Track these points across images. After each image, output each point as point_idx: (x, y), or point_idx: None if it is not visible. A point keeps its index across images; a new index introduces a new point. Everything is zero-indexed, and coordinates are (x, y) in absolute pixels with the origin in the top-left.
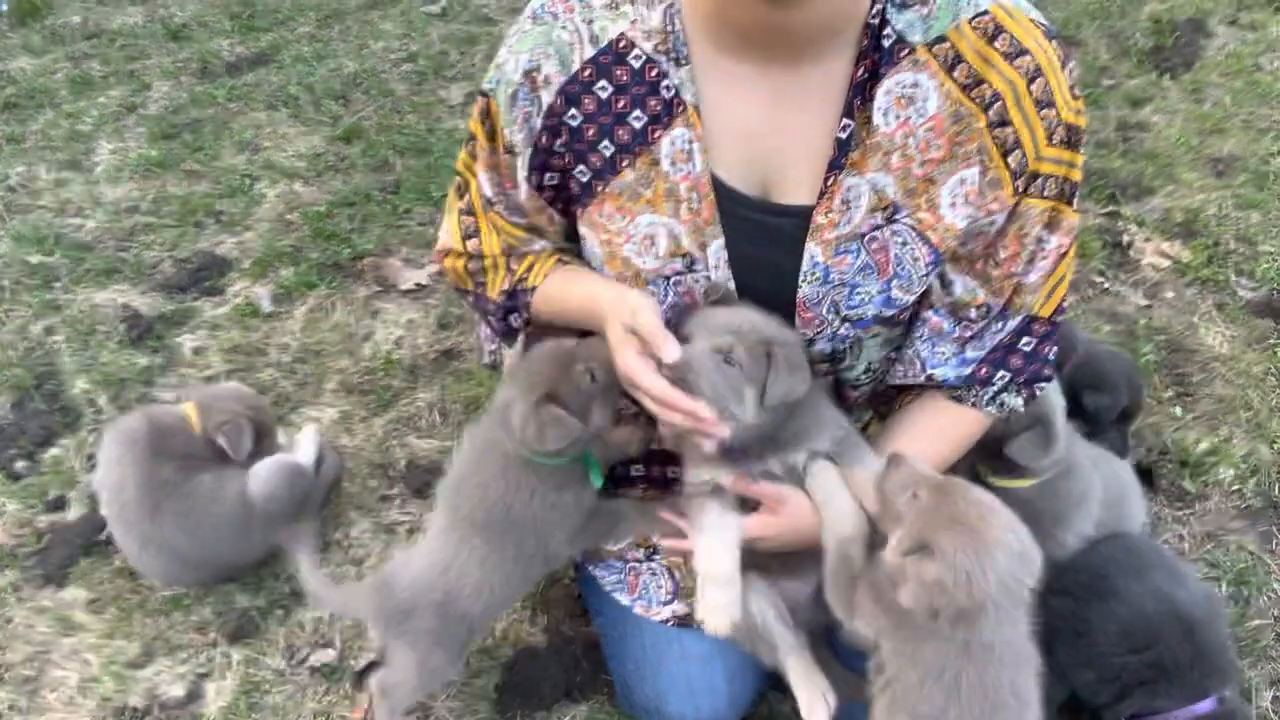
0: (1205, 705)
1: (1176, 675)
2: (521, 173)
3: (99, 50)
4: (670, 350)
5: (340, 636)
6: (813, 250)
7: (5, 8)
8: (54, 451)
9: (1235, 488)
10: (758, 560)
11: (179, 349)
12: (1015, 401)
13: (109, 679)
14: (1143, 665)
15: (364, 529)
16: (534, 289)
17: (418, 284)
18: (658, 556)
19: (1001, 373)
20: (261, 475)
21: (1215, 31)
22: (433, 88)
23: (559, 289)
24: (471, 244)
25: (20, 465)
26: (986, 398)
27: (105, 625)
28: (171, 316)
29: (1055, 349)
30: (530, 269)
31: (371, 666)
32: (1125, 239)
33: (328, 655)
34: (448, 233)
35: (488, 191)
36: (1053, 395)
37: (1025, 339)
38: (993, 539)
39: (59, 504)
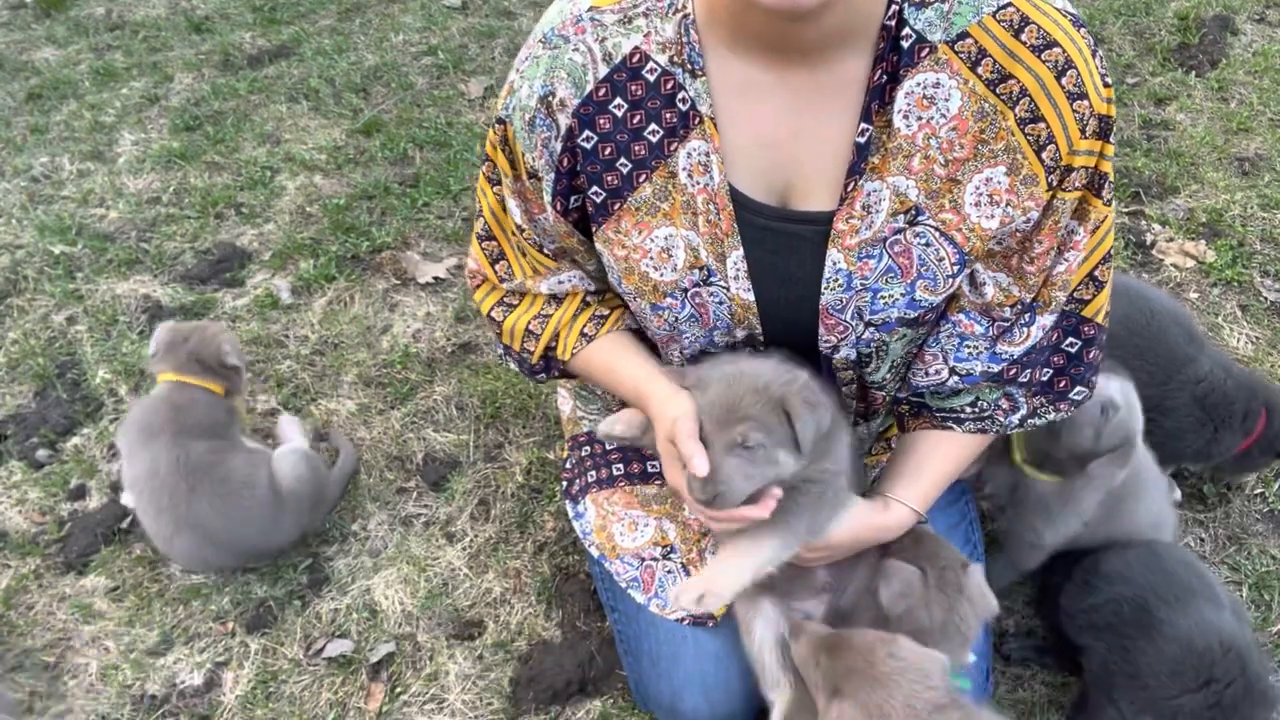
0: None
1: (1233, 710)
2: (547, 196)
3: (122, 42)
4: (699, 465)
5: (356, 628)
6: (834, 257)
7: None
8: (75, 440)
9: (1258, 491)
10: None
11: None
12: (1052, 416)
13: (128, 666)
14: (1200, 705)
15: (380, 521)
16: (564, 361)
17: (436, 277)
18: (675, 555)
19: (1032, 374)
20: (286, 461)
21: (1242, 29)
22: (452, 81)
23: (602, 371)
24: (501, 267)
25: (42, 454)
26: (1015, 420)
27: (125, 613)
28: (192, 307)
29: (1101, 356)
30: (557, 337)
31: (388, 658)
32: (1149, 238)
33: (344, 646)
34: (475, 259)
35: (517, 219)
36: (1137, 413)
37: (1070, 340)
38: (884, 673)
39: (80, 492)
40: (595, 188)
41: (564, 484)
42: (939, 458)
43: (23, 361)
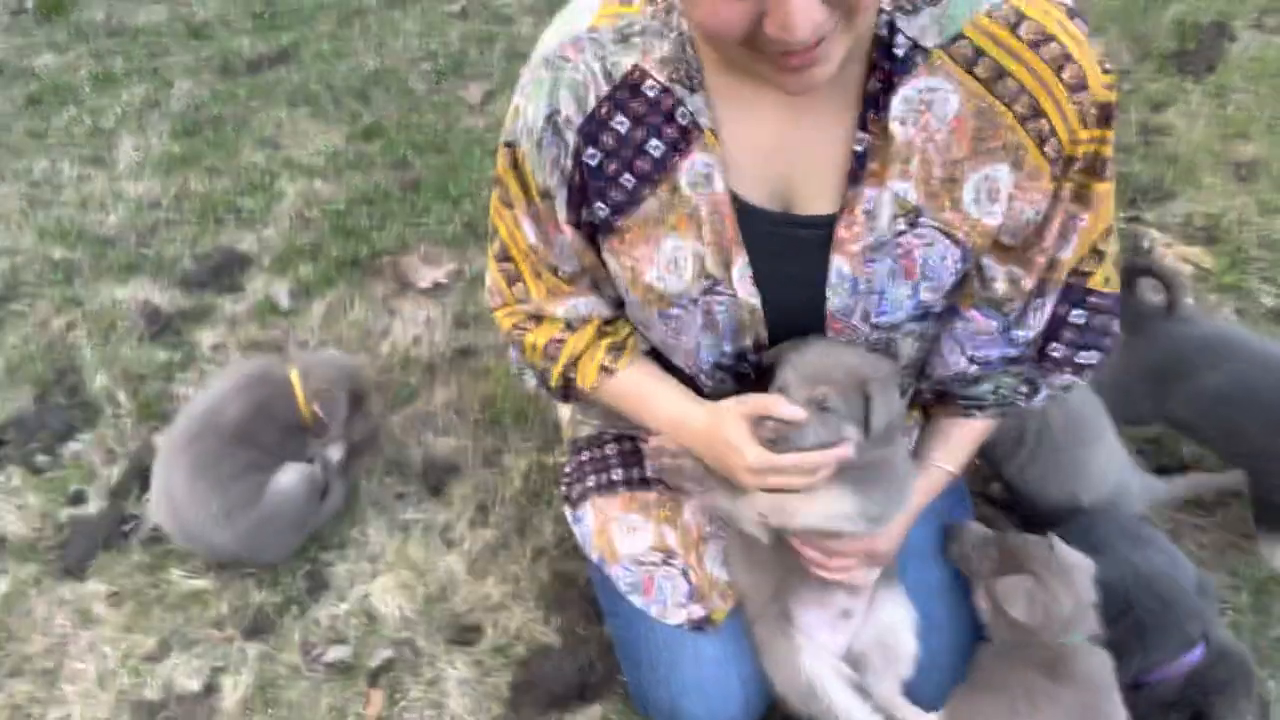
0: (1196, 654)
1: (1157, 628)
2: (561, 213)
3: (121, 47)
4: (791, 410)
5: (355, 634)
6: (838, 262)
7: (30, 4)
8: (74, 446)
9: None
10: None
11: (198, 345)
12: (1069, 382)
13: (126, 672)
14: (1124, 630)
15: (379, 526)
16: (582, 389)
17: (435, 282)
18: (675, 560)
19: (1044, 348)
20: (288, 477)
21: (1240, 35)
22: (452, 86)
23: (633, 400)
24: (518, 289)
25: (41, 459)
26: (1037, 402)
27: (123, 619)
28: (191, 312)
29: (1112, 321)
30: (575, 365)
31: (387, 664)
32: (1145, 243)
33: (342, 652)
34: (493, 281)
35: (531, 239)
36: None
37: (1077, 311)
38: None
39: (79, 498)
40: (600, 203)
41: (563, 489)
42: (966, 428)
43: (21, 366)
